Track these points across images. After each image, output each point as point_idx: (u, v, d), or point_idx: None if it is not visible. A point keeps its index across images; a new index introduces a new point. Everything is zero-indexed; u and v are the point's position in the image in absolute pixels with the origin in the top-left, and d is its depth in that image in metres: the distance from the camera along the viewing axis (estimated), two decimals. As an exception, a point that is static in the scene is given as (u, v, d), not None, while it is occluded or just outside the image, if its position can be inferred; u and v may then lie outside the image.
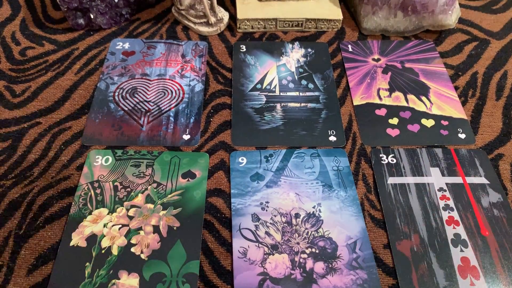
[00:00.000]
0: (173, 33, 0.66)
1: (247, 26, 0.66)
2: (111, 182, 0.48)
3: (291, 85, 0.59)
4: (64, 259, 0.42)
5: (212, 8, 0.65)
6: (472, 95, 0.59)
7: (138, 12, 0.69)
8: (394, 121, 0.55)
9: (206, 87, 0.59)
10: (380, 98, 0.58)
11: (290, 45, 0.64)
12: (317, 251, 0.43)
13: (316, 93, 0.58)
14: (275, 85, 0.59)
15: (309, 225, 0.45)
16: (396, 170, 0.50)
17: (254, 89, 0.58)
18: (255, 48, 0.64)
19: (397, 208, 0.47)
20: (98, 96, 0.57)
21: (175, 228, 0.44)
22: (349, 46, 0.65)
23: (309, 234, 0.44)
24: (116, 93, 0.57)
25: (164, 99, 0.57)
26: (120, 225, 0.44)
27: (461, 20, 0.69)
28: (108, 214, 0.45)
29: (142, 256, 0.42)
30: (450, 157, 0.51)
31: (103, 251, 0.43)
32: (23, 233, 0.44)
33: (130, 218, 0.45)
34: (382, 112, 0.56)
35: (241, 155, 0.51)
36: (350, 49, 0.64)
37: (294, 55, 0.63)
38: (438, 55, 0.63)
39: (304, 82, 0.59)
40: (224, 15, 0.67)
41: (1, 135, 0.52)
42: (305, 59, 0.63)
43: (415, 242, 0.44)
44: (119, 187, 0.47)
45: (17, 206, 0.46)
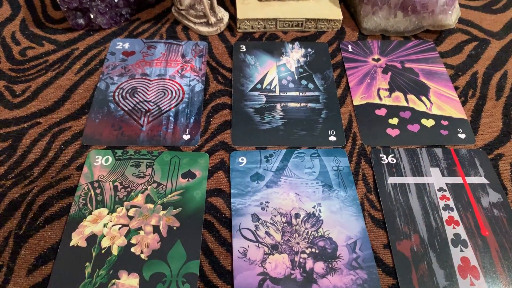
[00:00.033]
0: (173, 33, 0.66)
1: (247, 26, 0.66)
2: (111, 182, 0.48)
3: (291, 85, 0.59)
4: (64, 259, 0.42)
5: (212, 8, 0.65)
6: (472, 95, 0.59)
7: (138, 12, 0.69)
8: (394, 121, 0.55)
9: (206, 87, 0.59)
10: (380, 98, 0.58)
11: (290, 45, 0.64)
12: (317, 251, 0.43)
13: (316, 93, 0.58)
14: (275, 85, 0.59)
15: (309, 225, 0.45)
16: (396, 170, 0.50)
17: (254, 89, 0.58)
18: (255, 48, 0.64)
19: (397, 208, 0.47)
20: (98, 96, 0.57)
21: (175, 228, 0.44)
22: (349, 46, 0.65)
23: (309, 234, 0.44)
24: (116, 93, 0.57)
25: (164, 99, 0.57)
26: (120, 225, 0.44)
27: (461, 20, 0.69)
28: (108, 214, 0.45)
29: (142, 256, 0.42)
30: (450, 157, 0.51)
31: (103, 251, 0.43)
32: (23, 233, 0.44)
33: (130, 218, 0.45)
34: (382, 112, 0.56)
35: (241, 155, 0.51)
36: (350, 49, 0.64)
37: (294, 55, 0.63)
38: (438, 55, 0.63)
39: (304, 82, 0.59)
40: (224, 15, 0.67)
41: (1, 135, 0.52)
42: (305, 59, 0.63)
43: (415, 242, 0.44)
44: (119, 187, 0.47)
45: (17, 206, 0.46)
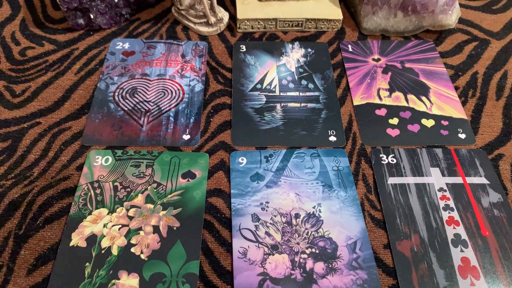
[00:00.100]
0: (173, 33, 0.66)
1: (247, 26, 0.66)
2: (111, 182, 0.48)
3: (291, 85, 0.59)
4: (64, 259, 0.42)
5: (212, 8, 0.65)
6: (472, 95, 0.59)
7: (138, 12, 0.69)
8: (394, 121, 0.55)
9: (206, 87, 0.59)
10: (380, 98, 0.58)
11: (290, 45, 0.64)
12: (317, 251, 0.43)
13: (316, 93, 0.58)
14: (275, 85, 0.59)
15: (309, 225, 0.45)
16: (396, 170, 0.50)
17: (254, 89, 0.58)
18: (255, 48, 0.64)
19: (397, 208, 0.47)
20: (98, 96, 0.56)
21: (175, 228, 0.44)
22: (349, 46, 0.65)
23: (309, 234, 0.44)
24: (116, 93, 0.57)
25: (164, 99, 0.57)
26: (120, 225, 0.44)
27: (461, 20, 0.69)
28: (108, 214, 0.45)
29: (142, 256, 0.42)
30: (450, 157, 0.51)
31: (103, 251, 0.42)
32: (23, 233, 0.44)
33: (130, 218, 0.45)
34: (382, 112, 0.56)
35: (241, 155, 0.51)
36: (350, 49, 0.64)
37: (294, 55, 0.63)
38: (438, 55, 0.63)
39: (304, 82, 0.59)
40: (224, 15, 0.67)
41: (1, 135, 0.52)
42: (305, 59, 0.63)
43: (415, 242, 0.44)
44: (119, 187, 0.47)
45: (17, 206, 0.46)
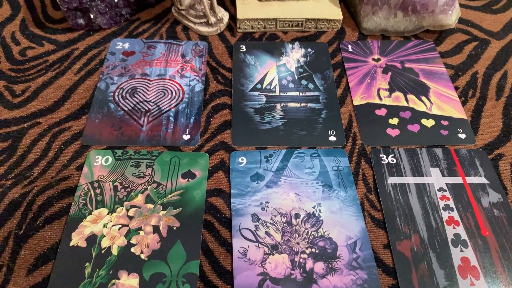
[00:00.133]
0: (173, 33, 0.66)
1: (247, 26, 0.66)
2: (111, 182, 0.48)
3: (291, 85, 0.59)
4: (64, 259, 0.42)
5: (212, 8, 0.65)
6: (472, 95, 0.59)
7: (138, 12, 0.69)
8: (394, 121, 0.55)
9: (206, 87, 0.59)
10: (380, 98, 0.58)
11: (290, 45, 0.64)
12: (317, 251, 0.43)
13: (316, 93, 0.58)
14: (275, 85, 0.59)
15: (309, 225, 0.45)
16: (396, 170, 0.50)
17: (254, 89, 0.58)
18: (255, 48, 0.64)
19: (397, 208, 0.47)
20: (98, 96, 0.56)
21: (175, 228, 0.44)
22: (349, 46, 0.65)
23: (309, 234, 0.44)
24: (116, 93, 0.57)
25: (164, 99, 0.57)
26: (120, 225, 0.44)
27: (461, 20, 0.69)
28: (108, 214, 0.45)
29: (142, 256, 0.42)
30: (450, 157, 0.51)
31: (103, 251, 0.42)
32: (23, 233, 0.44)
33: (130, 218, 0.45)
34: (382, 112, 0.56)
35: (241, 155, 0.51)
36: (350, 49, 0.64)
37: (294, 55, 0.63)
38: (438, 55, 0.63)
39: (304, 82, 0.59)
40: (224, 15, 0.67)
41: (1, 135, 0.52)
42: (305, 59, 0.63)
43: (415, 242, 0.44)
44: (119, 187, 0.47)
45: (17, 206, 0.46)
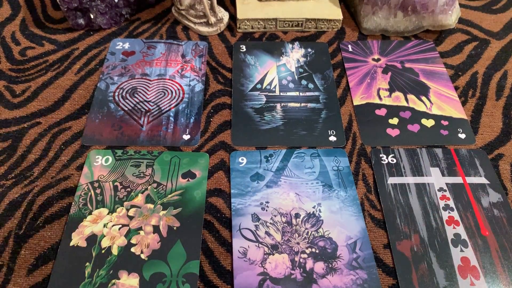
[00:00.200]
0: (173, 33, 0.66)
1: (247, 26, 0.66)
2: (111, 182, 0.48)
3: (291, 85, 0.59)
4: (64, 259, 0.42)
5: (212, 8, 0.65)
6: (472, 95, 0.59)
7: (138, 12, 0.69)
8: (394, 121, 0.55)
9: (206, 87, 0.59)
10: (380, 98, 0.58)
11: (290, 45, 0.64)
12: (317, 251, 0.43)
13: (316, 93, 0.58)
14: (275, 85, 0.59)
15: (309, 225, 0.45)
16: (396, 170, 0.50)
17: (254, 89, 0.58)
18: (255, 48, 0.64)
19: (397, 208, 0.47)
20: (98, 96, 0.57)
21: (175, 228, 0.44)
22: (349, 46, 0.65)
23: (309, 234, 0.44)
24: (116, 93, 0.57)
25: (164, 99, 0.57)
26: (120, 225, 0.44)
27: (461, 20, 0.69)
28: (108, 214, 0.45)
29: (142, 256, 0.42)
30: (450, 157, 0.51)
31: (103, 251, 0.42)
32: (23, 233, 0.44)
33: (130, 218, 0.45)
34: (382, 112, 0.56)
35: (241, 155, 0.51)
36: (350, 49, 0.64)
37: (294, 55, 0.63)
38: (438, 55, 0.63)
39: (304, 82, 0.59)
40: (224, 15, 0.67)
41: (1, 135, 0.52)
42: (305, 59, 0.63)
43: (415, 242, 0.44)
44: (119, 187, 0.47)
45: (17, 206, 0.46)
